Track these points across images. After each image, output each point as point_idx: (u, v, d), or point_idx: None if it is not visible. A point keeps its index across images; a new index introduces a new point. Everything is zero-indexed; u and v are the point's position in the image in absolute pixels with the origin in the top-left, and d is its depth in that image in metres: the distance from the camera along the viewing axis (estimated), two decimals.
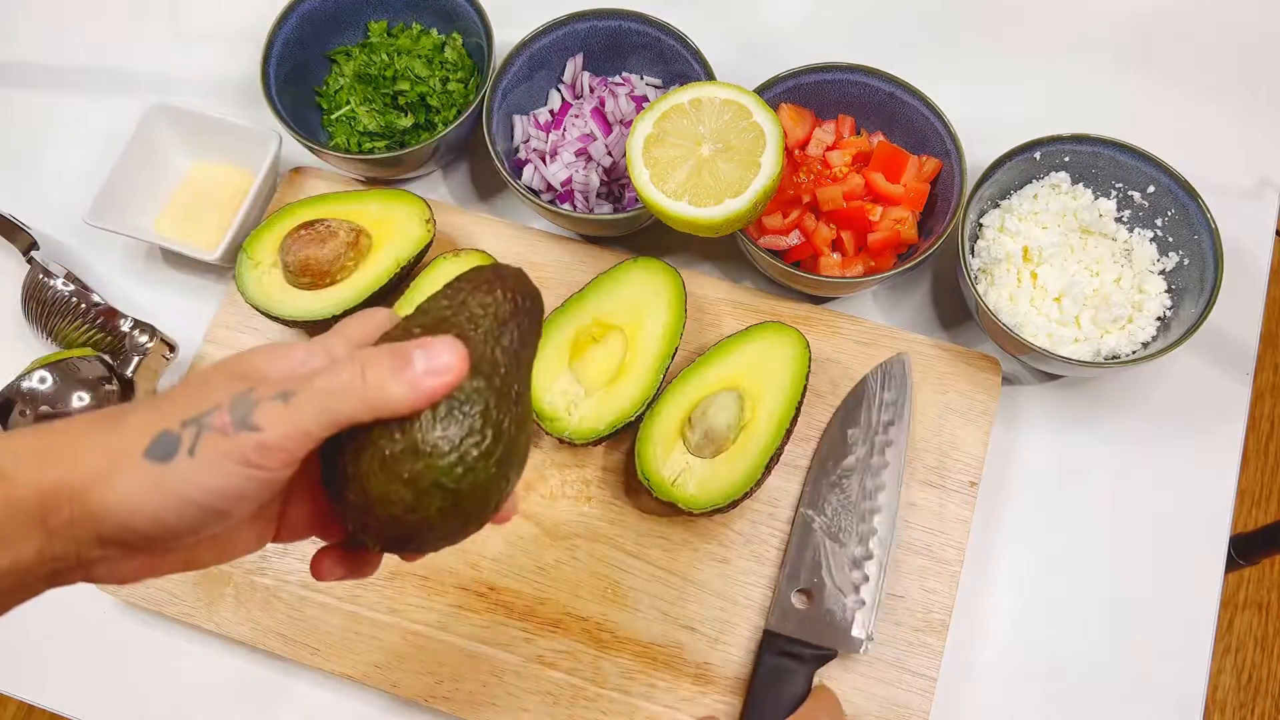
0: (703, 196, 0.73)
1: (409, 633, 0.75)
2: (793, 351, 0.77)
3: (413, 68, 0.89)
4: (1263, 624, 1.61)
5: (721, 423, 0.73)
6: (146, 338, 0.80)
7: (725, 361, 0.77)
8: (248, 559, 0.77)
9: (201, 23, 1.03)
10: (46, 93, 1.00)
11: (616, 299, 0.79)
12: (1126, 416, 0.82)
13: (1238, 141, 0.92)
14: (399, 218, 0.82)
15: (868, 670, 0.73)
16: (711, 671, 0.73)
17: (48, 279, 0.83)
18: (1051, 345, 0.77)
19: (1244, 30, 0.97)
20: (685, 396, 0.76)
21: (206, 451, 0.43)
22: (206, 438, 0.43)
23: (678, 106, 0.75)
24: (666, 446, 0.74)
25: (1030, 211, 0.81)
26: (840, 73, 0.84)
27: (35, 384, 0.76)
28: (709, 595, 0.75)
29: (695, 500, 0.72)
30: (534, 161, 0.86)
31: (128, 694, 0.78)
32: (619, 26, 0.87)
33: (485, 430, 0.44)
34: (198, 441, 0.43)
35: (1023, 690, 0.75)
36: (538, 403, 0.76)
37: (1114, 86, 0.95)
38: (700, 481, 0.73)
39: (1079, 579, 0.78)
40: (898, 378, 0.79)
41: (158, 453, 0.43)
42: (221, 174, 0.91)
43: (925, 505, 0.77)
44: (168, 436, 0.43)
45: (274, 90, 0.86)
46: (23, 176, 0.96)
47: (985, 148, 0.83)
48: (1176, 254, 0.79)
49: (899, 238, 0.80)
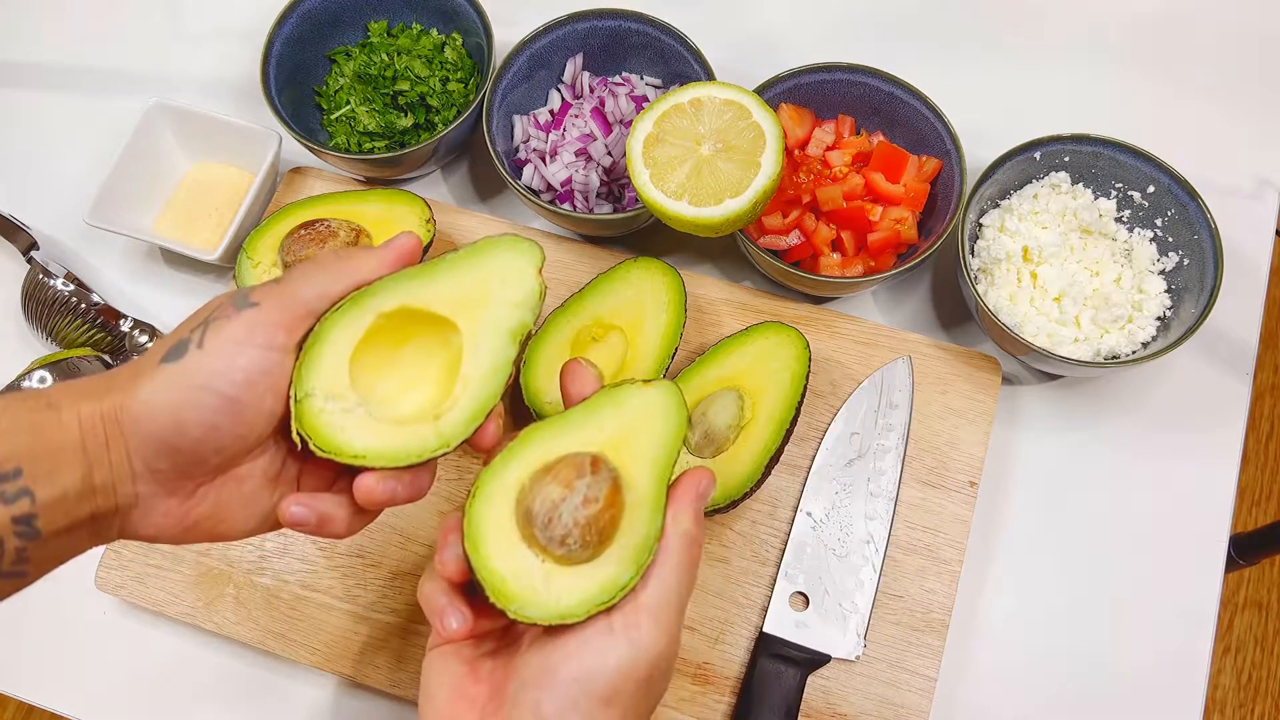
0: (703, 196, 0.73)
1: (409, 633, 0.75)
2: (793, 351, 0.77)
3: (413, 68, 0.89)
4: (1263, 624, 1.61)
5: (721, 423, 0.73)
6: (146, 338, 0.80)
7: (725, 361, 0.77)
8: (247, 558, 0.77)
9: (201, 23, 1.03)
10: (46, 93, 1.00)
11: (617, 299, 0.79)
12: (1126, 416, 0.82)
13: (1238, 141, 0.92)
14: (399, 218, 0.82)
15: (867, 670, 0.73)
16: (711, 671, 0.73)
17: (48, 279, 0.83)
18: (1051, 345, 0.77)
19: (1244, 30, 0.97)
20: (685, 396, 0.76)
21: (213, 339, 0.47)
22: (213, 328, 0.48)
23: (678, 106, 0.75)
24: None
25: (1030, 211, 0.81)
26: (840, 73, 0.84)
27: (35, 384, 0.76)
28: (709, 595, 0.75)
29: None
30: (534, 161, 0.86)
31: (127, 694, 0.78)
32: (619, 26, 0.87)
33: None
34: (205, 335, 0.48)
35: (1023, 690, 0.75)
36: (539, 403, 0.76)
37: (1114, 86, 0.95)
38: None
39: (1079, 579, 0.78)
40: (899, 379, 0.79)
41: (172, 356, 0.47)
42: (221, 174, 0.91)
43: (925, 505, 0.77)
44: (180, 343, 0.48)
45: (274, 90, 0.86)
46: (23, 176, 0.96)
47: (985, 148, 0.83)
48: (1176, 254, 0.79)
49: (899, 238, 0.80)
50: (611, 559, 0.54)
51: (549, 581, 0.53)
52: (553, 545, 0.53)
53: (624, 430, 0.58)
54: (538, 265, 0.58)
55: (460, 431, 0.55)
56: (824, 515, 0.76)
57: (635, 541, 0.55)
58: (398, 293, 0.56)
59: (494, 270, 0.58)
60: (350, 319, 0.54)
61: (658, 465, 0.57)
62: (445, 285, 0.57)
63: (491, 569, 0.53)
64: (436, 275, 0.57)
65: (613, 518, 0.54)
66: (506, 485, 0.56)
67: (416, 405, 0.57)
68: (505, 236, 0.58)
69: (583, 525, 0.53)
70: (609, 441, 0.57)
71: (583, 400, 0.59)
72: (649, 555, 0.54)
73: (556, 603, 0.53)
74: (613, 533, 0.55)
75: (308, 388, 0.53)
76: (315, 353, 0.53)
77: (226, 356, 0.47)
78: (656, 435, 0.58)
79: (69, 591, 0.80)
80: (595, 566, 0.54)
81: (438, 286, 0.57)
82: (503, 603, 0.52)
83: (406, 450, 0.54)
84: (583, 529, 0.53)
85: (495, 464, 0.56)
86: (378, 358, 0.56)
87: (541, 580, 0.53)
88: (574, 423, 0.58)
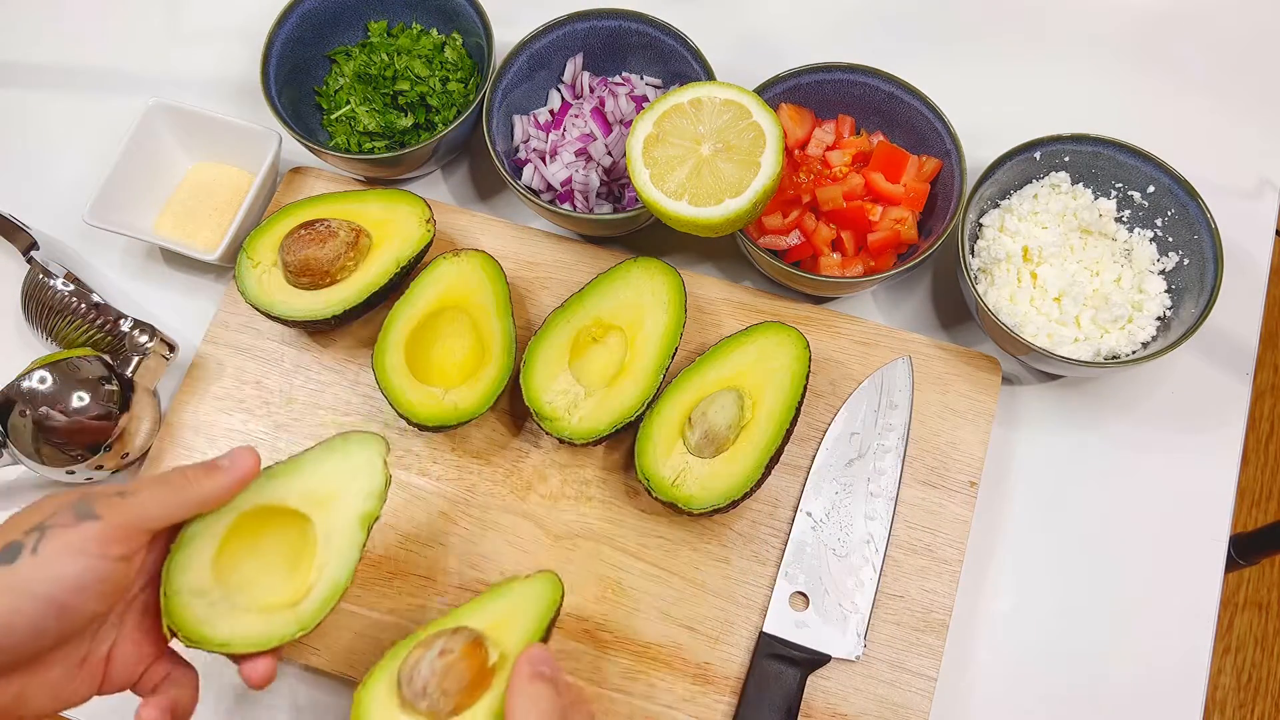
0: (703, 196, 0.73)
1: (409, 633, 0.75)
2: (793, 351, 0.77)
3: (413, 68, 0.89)
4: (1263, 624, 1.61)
5: (721, 423, 0.73)
6: (146, 338, 0.80)
7: (725, 361, 0.77)
8: None
9: (201, 23, 1.03)
10: (46, 93, 1.00)
11: (617, 299, 0.79)
12: (1126, 416, 0.83)
13: (1238, 141, 0.92)
14: (399, 218, 0.82)
15: (867, 670, 0.73)
16: (711, 671, 0.73)
17: (48, 279, 0.83)
18: (1051, 345, 0.77)
19: (1244, 30, 0.97)
20: (685, 396, 0.76)
21: (49, 547, 0.48)
22: (50, 534, 0.48)
23: (678, 106, 0.75)
24: (666, 446, 0.74)
25: (1030, 211, 0.81)
26: (840, 73, 0.84)
27: (35, 384, 0.76)
28: (709, 595, 0.75)
29: (695, 500, 0.72)
30: (534, 161, 0.86)
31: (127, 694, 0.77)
32: (619, 26, 0.87)
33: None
34: (41, 541, 0.48)
35: (1022, 690, 0.75)
36: (538, 403, 0.76)
37: (1114, 86, 0.95)
38: (700, 481, 0.73)
39: (1079, 579, 0.78)
40: (899, 379, 0.79)
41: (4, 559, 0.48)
42: (221, 174, 0.91)
43: (925, 505, 0.77)
44: (13, 544, 0.48)
45: (274, 90, 0.86)
46: (23, 176, 0.96)
47: (985, 148, 0.83)
48: (1176, 254, 0.79)
49: (899, 238, 0.80)
50: (481, 710, 0.61)
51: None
52: (418, 700, 0.60)
53: (501, 616, 0.66)
54: (384, 456, 0.65)
55: (317, 614, 0.62)
56: (824, 515, 0.76)
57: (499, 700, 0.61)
58: (256, 493, 0.62)
59: (344, 466, 0.65)
60: (212, 519, 0.61)
61: (527, 635, 0.65)
62: (300, 481, 0.64)
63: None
64: (292, 473, 0.64)
65: (472, 667, 0.61)
66: (393, 668, 0.63)
67: (276, 591, 0.63)
68: (354, 434, 0.65)
69: (440, 674, 0.60)
70: (492, 623, 0.65)
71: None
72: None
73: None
74: (479, 686, 0.61)
75: (176, 585, 0.59)
76: (183, 554, 0.59)
77: (61, 565, 0.48)
78: (530, 615, 0.66)
79: None
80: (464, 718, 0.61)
81: (293, 483, 0.64)
82: None
83: (268, 635, 0.61)
84: (440, 677, 0.60)
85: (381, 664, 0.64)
86: (240, 546, 0.62)
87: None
88: (462, 613, 0.66)
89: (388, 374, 0.76)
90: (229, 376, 0.83)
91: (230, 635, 0.60)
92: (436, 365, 0.79)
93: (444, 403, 0.76)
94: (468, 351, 0.80)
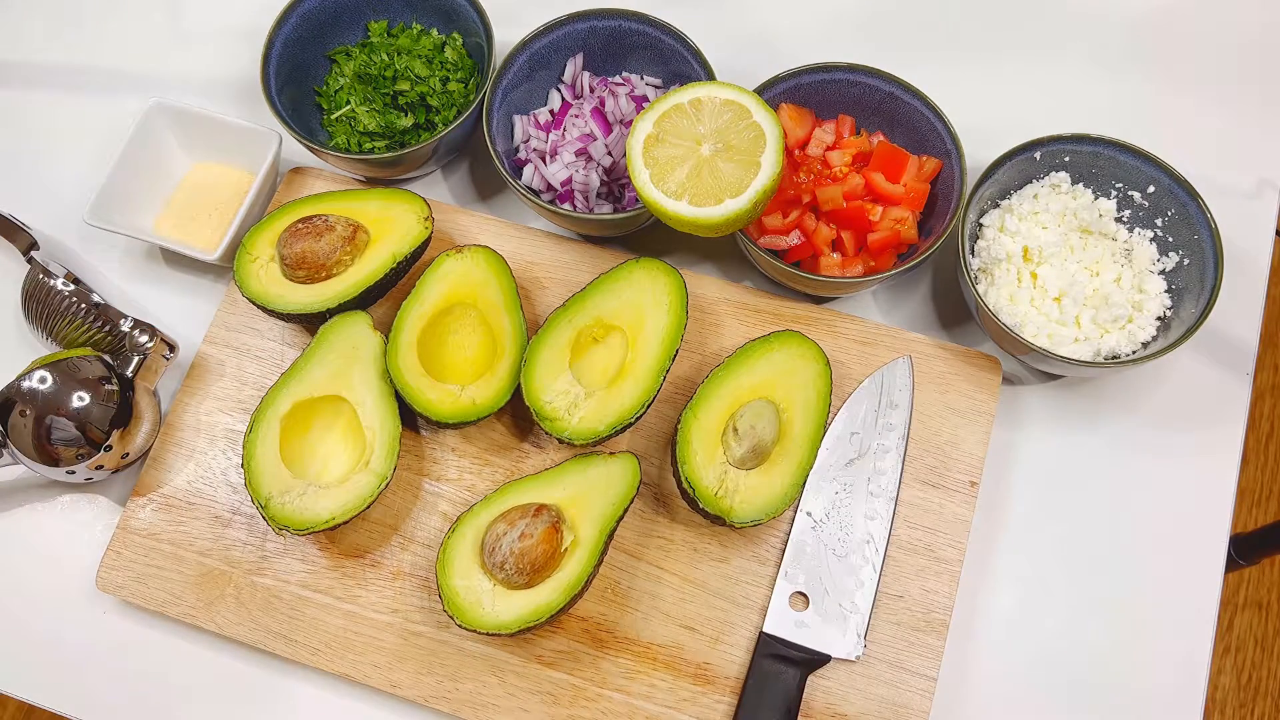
0: (703, 196, 0.73)
1: (409, 633, 0.75)
2: (815, 368, 0.77)
3: (413, 68, 0.89)
4: (1263, 624, 1.61)
5: (768, 437, 0.73)
6: (146, 338, 0.80)
7: (753, 369, 0.77)
8: (248, 559, 0.77)
9: (201, 23, 1.03)
10: (47, 93, 1.00)
11: (617, 299, 0.79)
12: (1126, 416, 0.83)
13: (1238, 141, 0.92)
14: (396, 215, 0.82)
15: (867, 670, 0.73)
16: (711, 671, 0.73)
17: (48, 279, 0.83)
18: (1051, 345, 0.77)
19: (1244, 30, 0.97)
20: (720, 404, 0.76)
21: None
22: None
23: (678, 106, 0.75)
24: (708, 455, 0.74)
25: (1030, 211, 0.81)
26: (840, 73, 0.84)
27: (35, 384, 0.76)
28: (709, 595, 0.75)
29: (736, 513, 0.72)
30: (534, 161, 0.86)
31: (127, 694, 0.78)
32: (619, 26, 0.87)
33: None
34: None
35: (1023, 690, 0.75)
36: (538, 403, 0.76)
37: (1114, 86, 0.95)
38: (742, 495, 0.73)
39: (1079, 579, 0.78)
40: (899, 379, 0.79)
41: None
42: (221, 174, 0.91)
43: (925, 505, 0.77)
44: None
45: (274, 90, 0.86)
46: (23, 176, 0.96)
47: (985, 148, 0.83)
48: (1176, 254, 0.79)
49: (899, 238, 0.80)
50: (546, 588, 0.69)
51: (494, 600, 0.69)
52: (496, 570, 0.70)
53: (581, 491, 0.73)
54: (369, 323, 0.78)
55: (387, 465, 0.74)
56: (824, 515, 0.76)
57: (568, 579, 0.70)
58: (287, 394, 0.75)
59: (341, 344, 0.77)
60: (262, 434, 0.74)
61: (602, 520, 0.72)
62: (314, 374, 0.76)
63: (451, 585, 0.70)
64: (304, 370, 0.76)
65: (545, 553, 0.69)
66: (478, 524, 0.72)
67: (344, 464, 0.76)
68: (343, 316, 0.78)
69: (517, 555, 0.69)
70: (567, 498, 0.73)
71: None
72: (579, 589, 0.69)
73: (495, 617, 0.69)
74: (550, 567, 0.70)
75: (263, 496, 0.73)
76: (253, 468, 0.73)
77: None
78: (606, 497, 0.72)
79: (69, 590, 0.80)
80: (533, 592, 0.69)
81: (309, 378, 0.76)
82: (452, 611, 0.69)
83: (359, 497, 0.73)
84: (517, 558, 0.69)
85: (476, 508, 0.73)
86: (297, 446, 0.76)
87: (489, 598, 0.70)
88: (543, 481, 0.74)
89: (403, 374, 0.76)
90: (229, 376, 0.83)
91: (331, 510, 0.72)
92: (449, 363, 0.80)
93: (461, 399, 0.76)
94: (479, 347, 0.80)
